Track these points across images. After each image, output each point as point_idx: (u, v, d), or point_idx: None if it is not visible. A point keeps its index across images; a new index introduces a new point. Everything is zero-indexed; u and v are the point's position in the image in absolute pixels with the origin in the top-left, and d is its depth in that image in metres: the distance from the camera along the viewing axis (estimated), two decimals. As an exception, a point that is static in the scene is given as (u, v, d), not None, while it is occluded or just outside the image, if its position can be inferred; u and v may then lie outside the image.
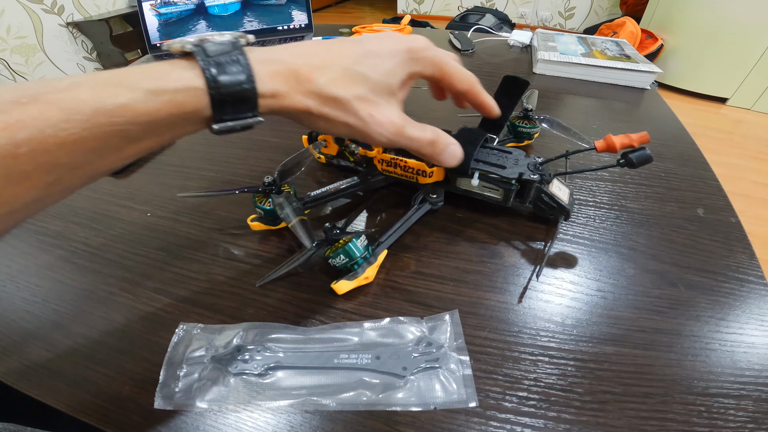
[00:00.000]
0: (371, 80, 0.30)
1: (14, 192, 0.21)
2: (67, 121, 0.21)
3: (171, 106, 0.24)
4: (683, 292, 0.39)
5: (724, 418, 0.30)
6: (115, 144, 0.23)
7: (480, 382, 0.32)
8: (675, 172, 0.55)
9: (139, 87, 0.23)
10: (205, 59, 0.25)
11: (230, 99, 0.25)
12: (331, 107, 0.29)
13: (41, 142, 0.20)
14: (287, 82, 0.28)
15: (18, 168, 0.20)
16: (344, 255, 0.38)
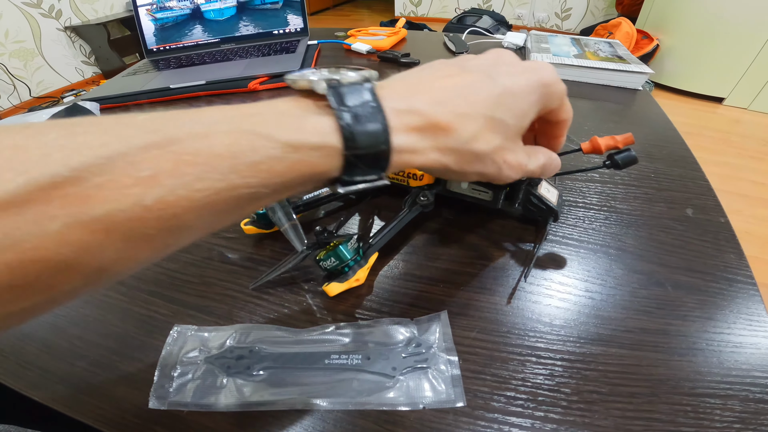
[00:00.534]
0: (509, 127, 0.29)
1: (131, 255, 0.19)
2: (201, 180, 0.19)
3: (304, 166, 0.22)
4: (670, 292, 0.39)
5: (710, 418, 0.30)
6: (241, 205, 0.21)
7: (468, 382, 0.33)
8: (665, 173, 0.56)
9: (275, 138, 0.21)
10: (340, 108, 0.23)
11: (363, 160, 0.23)
12: (470, 162, 0.28)
13: (171, 204, 0.18)
14: (424, 138, 0.26)
15: (142, 231, 0.18)
16: (335, 258, 0.38)
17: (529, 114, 0.30)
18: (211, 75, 0.87)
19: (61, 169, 0.17)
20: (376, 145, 0.23)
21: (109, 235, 0.17)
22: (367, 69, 0.26)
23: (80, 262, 0.17)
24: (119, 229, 0.18)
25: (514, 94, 0.29)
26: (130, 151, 0.18)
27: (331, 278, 0.39)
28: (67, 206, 0.16)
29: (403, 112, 0.25)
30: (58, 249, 0.16)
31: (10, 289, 0.16)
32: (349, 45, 1.05)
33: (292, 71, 0.72)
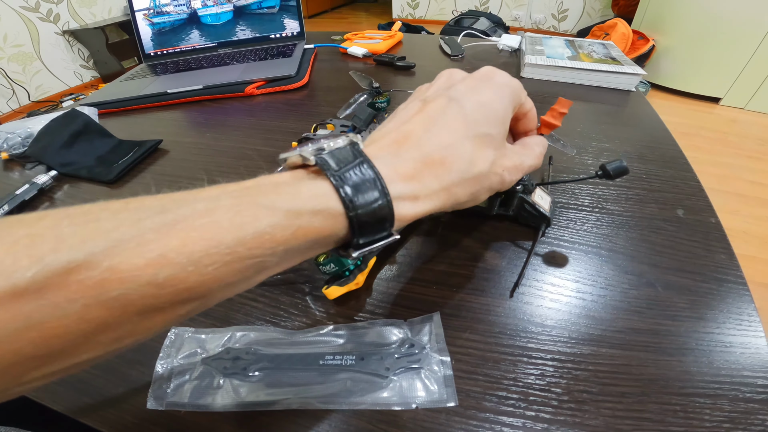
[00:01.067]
0: (494, 137, 0.29)
1: (147, 326, 0.20)
2: (209, 255, 0.19)
3: (307, 231, 0.22)
4: (661, 292, 0.40)
5: (700, 418, 0.30)
6: (249, 275, 0.22)
7: (461, 382, 0.33)
8: (656, 174, 0.56)
9: (276, 207, 0.22)
10: (334, 174, 0.23)
11: (368, 222, 0.24)
12: (475, 186, 0.28)
13: (183, 281, 0.19)
14: (421, 181, 0.26)
15: (156, 305, 0.19)
16: (335, 263, 0.39)
17: (507, 116, 0.31)
18: (208, 80, 0.87)
19: (75, 254, 0.17)
20: (374, 201, 0.24)
21: (125, 312, 0.18)
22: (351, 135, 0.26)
23: (99, 334, 0.18)
24: (135, 305, 0.18)
25: (485, 105, 0.29)
26: (139, 233, 0.19)
27: (331, 282, 0.40)
28: (84, 290, 0.17)
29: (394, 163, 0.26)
30: (78, 326, 0.17)
31: (34, 359, 0.17)
32: (346, 49, 1.05)
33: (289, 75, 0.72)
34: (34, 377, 0.18)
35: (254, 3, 1.01)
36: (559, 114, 0.38)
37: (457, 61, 1.00)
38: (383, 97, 0.66)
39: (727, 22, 2.49)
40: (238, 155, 0.65)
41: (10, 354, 0.16)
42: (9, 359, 0.17)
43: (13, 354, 0.17)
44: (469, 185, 0.28)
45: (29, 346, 0.17)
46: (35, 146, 0.65)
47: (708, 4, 2.55)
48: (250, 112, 0.80)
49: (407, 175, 0.26)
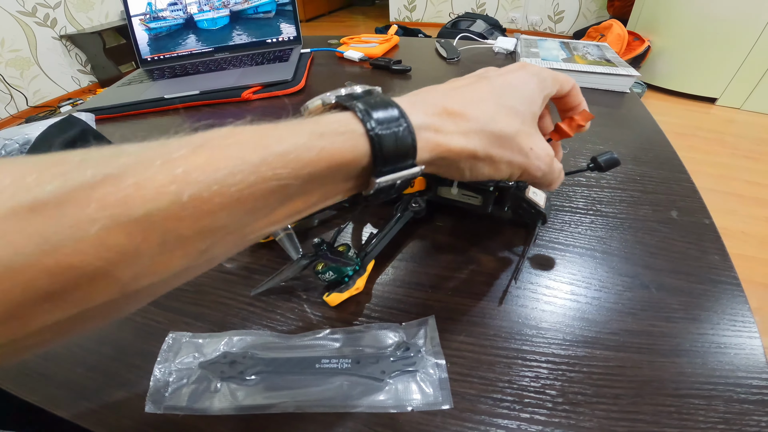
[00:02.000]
0: (521, 112, 0.29)
1: (166, 261, 0.19)
2: (233, 174, 0.19)
3: (331, 153, 0.22)
4: (655, 294, 0.40)
5: (695, 419, 0.31)
6: (271, 203, 0.21)
7: (456, 384, 0.33)
8: (650, 175, 0.57)
9: (300, 129, 0.22)
10: (351, 102, 0.24)
11: (389, 145, 0.23)
12: (497, 146, 0.28)
13: (206, 201, 0.18)
14: (442, 120, 0.26)
15: (177, 233, 0.18)
16: (334, 271, 0.39)
17: (536, 99, 0.31)
18: (205, 85, 0.88)
19: (99, 170, 0.17)
20: (394, 118, 0.24)
21: (146, 239, 0.17)
22: None
23: (117, 268, 0.17)
24: (156, 230, 0.18)
25: (512, 85, 0.30)
26: (165, 152, 0.19)
27: (331, 288, 0.40)
28: (106, 208, 0.16)
29: (412, 102, 0.26)
30: (97, 253, 0.16)
31: (47, 297, 0.16)
32: (342, 53, 1.06)
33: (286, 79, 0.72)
34: (42, 324, 0.17)
35: (250, 8, 1.01)
36: (577, 126, 0.38)
37: (452, 65, 1.01)
38: None
39: (722, 22, 2.50)
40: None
41: (20, 287, 0.15)
42: (19, 295, 0.15)
43: (24, 287, 0.15)
44: (488, 140, 0.28)
45: (43, 277, 0.16)
46: (33, 153, 0.65)
47: (702, 5, 2.55)
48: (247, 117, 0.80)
49: (427, 113, 0.26)
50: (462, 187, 0.46)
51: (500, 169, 0.30)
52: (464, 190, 0.46)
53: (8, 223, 0.15)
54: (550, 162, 0.32)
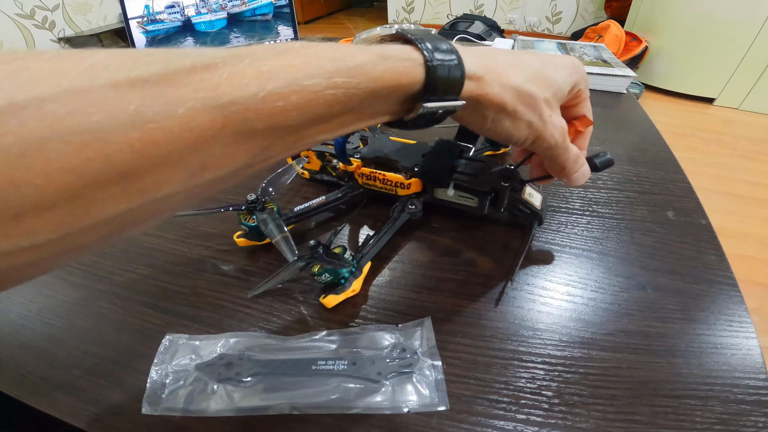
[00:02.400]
0: (555, 85, 0.32)
1: (234, 153, 0.20)
2: (310, 77, 0.21)
3: (394, 74, 0.24)
4: (651, 294, 0.40)
5: (691, 420, 0.31)
6: (332, 112, 0.23)
7: (452, 385, 0.33)
8: (647, 176, 0.57)
9: (369, 51, 0.24)
10: (416, 36, 0.26)
11: (442, 76, 0.26)
12: (524, 105, 0.30)
13: (283, 97, 0.20)
14: (488, 72, 0.29)
15: (251, 125, 0.20)
16: (330, 273, 0.39)
17: (568, 83, 0.33)
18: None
19: (198, 59, 0.19)
20: (450, 60, 0.26)
21: (225, 124, 0.19)
22: None
23: (191, 153, 0.18)
24: (234, 118, 0.19)
25: (555, 64, 0.33)
26: (253, 52, 0.20)
27: (328, 290, 0.40)
28: (198, 91, 0.18)
29: (465, 51, 0.28)
30: (180, 133, 0.17)
31: (121, 176, 0.16)
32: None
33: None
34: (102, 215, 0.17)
35: (248, 10, 1.01)
36: (575, 131, 0.38)
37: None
38: None
39: (719, 22, 2.50)
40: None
41: (100, 160, 0.16)
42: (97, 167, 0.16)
43: (104, 160, 0.16)
44: (519, 97, 0.30)
45: (125, 150, 0.16)
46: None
47: (699, 5, 2.55)
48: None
49: (475, 63, 0.28)
50: (458, 189, 0.46)
51: (519, 128, 0.31)
52: (460, 191, 0.46)
53: (107, 93, 0.16)
54: (564, 135, 0.33)
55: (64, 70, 0.15)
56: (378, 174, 0.49)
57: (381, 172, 0.49)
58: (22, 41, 2.94)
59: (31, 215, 0.15)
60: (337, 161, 0.53)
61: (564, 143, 0.34)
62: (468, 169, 0.46)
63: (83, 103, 0.15)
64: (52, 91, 0.15)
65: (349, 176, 0.53)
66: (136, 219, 0.19)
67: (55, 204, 0.15)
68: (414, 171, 0.48)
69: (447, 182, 0.46)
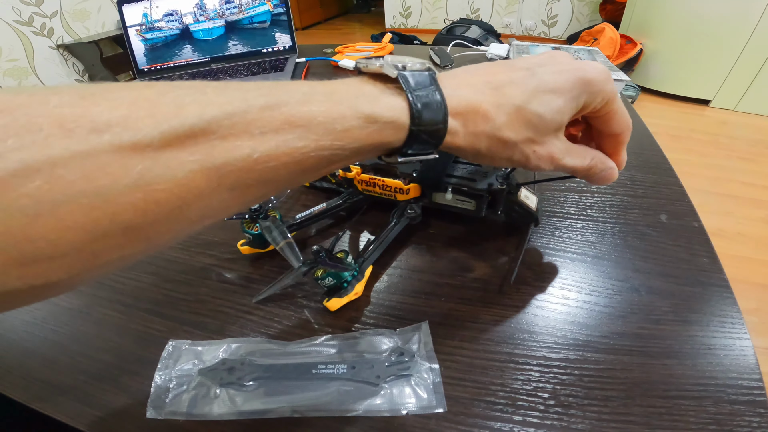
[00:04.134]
0: (544, 120, 0.29)
1: (230, 204, 0.22)
2: (301, 139, 0.22)
3: (377, 135, 0.25)
4: (644, 296, 0.41)
5: (685, 420, 0.31)
6: (320, 166, 0.24)
7: (449, 388, 0.34)
8: (640, 180, 0.58)
9: (360, 111, 0.24)
10: (411, 92, 0.26)
11: (423, 139, 0.27)
12: (500, 147, 0.30)
13: (273, 158, 0.21)
14: (465, 122, 0.28)
15: (244, 182, 0.21)
16: (333, 277, 0.40)
17: (568, 110, 0.30)
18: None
19: (196, 120, 0.19)
20: (435, 123, 0.27)
21: (220, 184, 0.20)
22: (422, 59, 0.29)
23: (190, 208, 0.20)
24: (230, 177, 0.20)
25: (552, 90, 0.29)
26: (249, 110, 0.21)
27: (331, 294, 0.41)
28: (195, 154, 0.19)
29: (453, 96, 0.28)
30: (179, 193, 0.19)
31: (126, 230, 0.18)
32: (337, 62, 1.07)
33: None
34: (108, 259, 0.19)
35: (245, 18, 1.02)
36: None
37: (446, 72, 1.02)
38: None
39: (713, 23, 2.51)
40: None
41: (107, 219, 0.17)
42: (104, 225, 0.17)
43: (111, 218, 0.17)
44: (492, 143, 0.30)
45: (129, 210, 0.18)
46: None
47: (693, 6, 2.56)
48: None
49: (456, 113, 0.28)
50: (455, 193, 0.47)
51: (499, 163, 0.32)
52: (458, 196, 0.47)
53: (112, 157, 0.17)
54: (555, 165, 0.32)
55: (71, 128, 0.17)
56: (377, 180, 0.50)
57: (380, 178, 0.50)
58: (21, 48, 2.94)
59: (44, 263, 0.17)
60: (335, 168, 0.54)
61: (558, 167, 0.32)
62: (465, 173, 0.47)
63: (91, 168, 0.17)
64: (62, 155, 0.16)
65: (348, 183, 0.54)
66: (140, 256, 0.21)
67: (66, 254, 0.17)
68: (412, 176, 0.49)
69: (445, 187, 0.46)
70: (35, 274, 0.17)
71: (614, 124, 0.32)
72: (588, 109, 0.31)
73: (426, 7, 4.45)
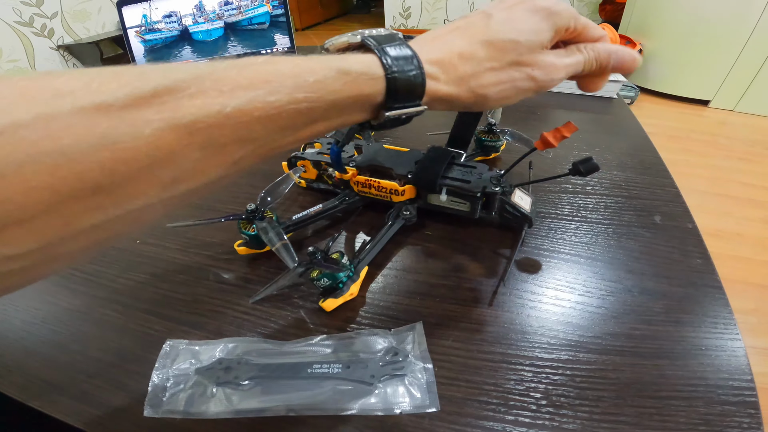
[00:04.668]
0: (521, 43, 0.30)
1: (206, 166, 0.22)
2: (272, 93, 0.22)
3: (354, 86, 0.26)
4: (637, 297, 0.41)
5: (675, 420, 0.31)
6: (298, 123, 0.25)
7: (443, 388, 0.34)
8: (635, 181, 0.58)
9: (329, 64, 0.25)
10: (378, 47, 0.27)
11: (402, 87, 0.27)
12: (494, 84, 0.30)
13: (246, 113, 0.21)
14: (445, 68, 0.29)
15: (218, 139, 0.21)
16: (328, 278, 0.40)
17: (543, 30, 0.31)
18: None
19: (161, 81, 0.20)
20: (409, 69, 0.27)
21: (191, 141, 0.20)
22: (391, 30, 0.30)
23: (161, 167, 0.20)
24: (200, 135, 0.20)
25: (511, 19, 0.31)
26: (215, 71, 0.21)
27: (326, 294, 0.41)
28: (161, 112, 0.19)
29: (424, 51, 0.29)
30: (148, 150, 0.19)
31: (95, 190, 0.18)
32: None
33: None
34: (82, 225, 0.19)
35: (244, 19, 1.02)
36: (561, 136, 0.39)
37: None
38: None
39: (712, 23, 2.50)
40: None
41: (75, 176, 0.17)
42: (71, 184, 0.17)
43: (78, 177, 0.17)
44: (483, 80, 0.30)
45: (96, 169, 0.17)
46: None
47: (692, 7, 2.55)
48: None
49: (433, 61, 0.29)
50: (450, 195, 0.47)
51: (508, 96, 0.32)
52: (452, 197, 0.47)
53: (75, 118, 0.17)
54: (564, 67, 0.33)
55: (33, 96, 0.17)
56: (373, 181, 0.50)
57: (376, 179, 0.50)
58: (21, 49, 2.95)
59: (13, 227, 0.17)
60: (332, 170, 0.54)
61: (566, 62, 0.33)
62: (460, 174, 0.48)
63: (54, 129, 0.17)
64: (25, 118, 0.16)
65: (344, 184, 0.54)
66: (116, 229, 0.21)
67: (35, 216, 0.17)
68: (408, 178, 0.49)
69: (440, 188, 0.47)
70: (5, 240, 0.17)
71: (592, 30, 0.34)
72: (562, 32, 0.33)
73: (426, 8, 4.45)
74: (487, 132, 0.62)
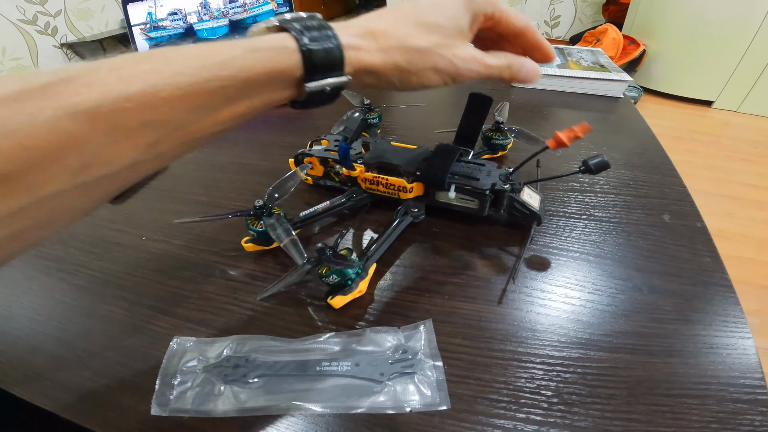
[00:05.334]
0: (443, 27, 0.32)
1: (116, 151, 0.21)
2: (175, 75, 0.22)
3: (266, 62, 0.25)
4: (647, 295, 0.41)
5: (688, 418, 0.31)
6: (214, 103, 0.24)
7: (453, 386, 0.34)
8: (643, 180, 0.58)
9: (237, 46, 0.25)
10: (289, 24, 0.27)
11: (318, 57, 0.27)
12: (418, 59, 0.31)
13: (149, 95, 0.21)
14: (366, 39, 0.30)
15: (123, 123, 0.21)
16: (337, 274, 0.40)
17: (462, 17, 0.33)
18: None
19: (55, 75, 0.20)
20: (324, 38, 0.27)
21: (93, 126, 0.20)
22: None
23: (65, 153, 0.19)
24: (102, 119, 0.20)
25: (436, 3, 0.33)
26: (114, 61, 0.21)
27: (335, 291, 0.41)
28: (57, 100, 0.19)
29: (344, 26, 0.30)
30: (47, 137, 0.19)
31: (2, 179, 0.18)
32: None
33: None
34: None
35: (249, 17, 1.02)
36: (574, 136, 0.39)
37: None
38: (374, 113, 0.68)
39: (716, 24, 2.50)
40: (235, 170, 0.66)
41: None
42: None
43: None
44: (407, 55, 0.31)
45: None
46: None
47: (696, 7, 2.55)
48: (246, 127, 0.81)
49: (353, 34, 0.30)
50: (459, 192, 0.47)
51: (429, 77, 0.33)
52: (461, 194, 0.47)
53: None
54: (481, 63, 0.34)
55: None
56: (381, 178, 0.50)
57: (384, 176, 0.50)
58: (25, 47, 2.95)
59: None
60: (340, 167, 0.54)
61: (486, 66, 0.35)
62: (468, 172, 0.48)
63: None
64: None
65: (352, 181, 0.54)
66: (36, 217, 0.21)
67: None
68: (416, 175, 0.49)
69: (448, 185, 0.47)
70: None
71: (514, 19, 0.36)
72: (481, 18, 0.34)
73: (428, 7, 4.45)
74: (494, 130, 0.62)
